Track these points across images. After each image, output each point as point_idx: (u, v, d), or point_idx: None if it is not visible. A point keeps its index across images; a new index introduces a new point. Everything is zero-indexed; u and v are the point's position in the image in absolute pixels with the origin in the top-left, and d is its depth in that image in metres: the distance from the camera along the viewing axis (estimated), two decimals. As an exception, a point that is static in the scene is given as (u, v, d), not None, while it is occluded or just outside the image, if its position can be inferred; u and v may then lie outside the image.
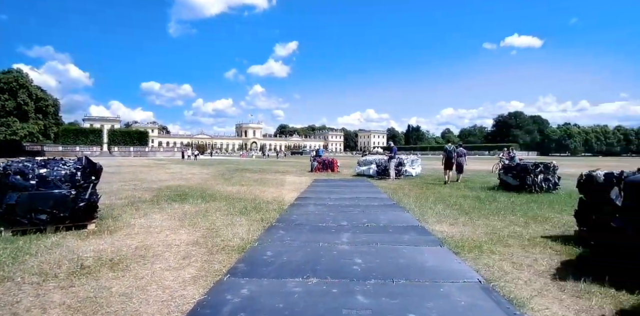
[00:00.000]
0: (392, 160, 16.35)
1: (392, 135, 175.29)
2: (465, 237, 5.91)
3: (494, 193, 11.56)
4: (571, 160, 59.63)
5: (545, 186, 11.67)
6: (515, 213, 8.09)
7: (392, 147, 17.06)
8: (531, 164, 11.79)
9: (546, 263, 4.70)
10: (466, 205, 9.07)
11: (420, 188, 12.84)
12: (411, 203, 9.27)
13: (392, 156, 16.37)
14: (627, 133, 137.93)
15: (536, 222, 7.19)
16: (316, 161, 23.26)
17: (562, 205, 9.22)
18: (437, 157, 22.01)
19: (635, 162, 42.83)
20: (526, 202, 9.79)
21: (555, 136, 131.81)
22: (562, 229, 6.62)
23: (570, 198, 10.24)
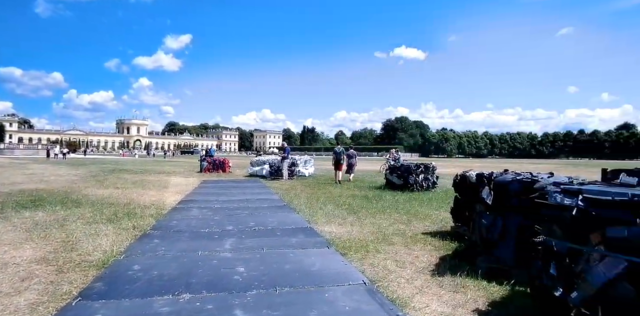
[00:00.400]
0: (285, 161, 16.22)
1: (288, 136, 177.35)
2: (352, 237, 5.89)
3: (380, 192, 12.06)
4: (447, 161, 66.34)
5: (425, 185, 12.54)
6: (399, 211, 8.44)
7: (285, 147, 16.94)
8: (413, 165, 12.58)
9: (426, 259, 4.84)
10: (355, 204, 9.24)
11: (312, 189, 12.88)
12: (302, 204, 9.15)
13: (285, 156, 16.25)
14: (492, 138, 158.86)
15: (417, 219, 7.54)
16: (206, 161, 22.11)
17: (440, 202, 9.92)
18: (330, 158, 22.66)
19: (498, 163, 49.21)
20: (409, 199, 10.35)
21: (434, 140, 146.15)
22: (440, 225, 7.02)
23: (446, 196, 11.10)
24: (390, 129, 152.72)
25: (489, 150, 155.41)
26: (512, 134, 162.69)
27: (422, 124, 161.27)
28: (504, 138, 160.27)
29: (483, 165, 41.60)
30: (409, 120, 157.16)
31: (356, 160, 17.64)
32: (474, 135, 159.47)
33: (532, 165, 44.09)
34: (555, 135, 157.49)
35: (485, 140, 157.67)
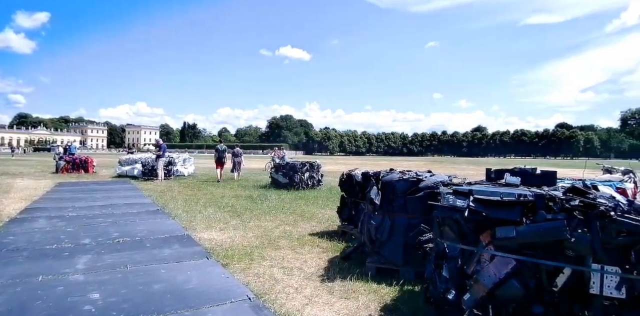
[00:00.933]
0: (161, 159, 14.79)
1: (166, 132, 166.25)
2: (236, 244, 5.37)
3: (265, 191, 11.66)
4: (330, 158, 68.83)
5: (311, 183, 12.51)
6: (285, 211, 8.14)
7: (161, 144, 15.47)
8: (299, 163, 12.46)
9: (315, 263, 4.57)
10: (238, 206, 8.68)
11: (192, 190, 11.90)
12: (179, 207, 8.26)
13: (161, 154, 14.82)
14: (370, 137, 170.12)
15: (304, 219, 7.32)
16: (64, 160, 19.15)
17: (325, 200, 9.90)
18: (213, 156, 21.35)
19: (375, 160, 52.69)
20: (295, 199, 10.14)
21: (318, 138, 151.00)
22: (327, 224, 6.88)
23: (331, 194, 11.19)
24: (276, 127, 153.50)
25: (367, 149, 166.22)
26: (387, 134, 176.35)
27: (307, 123, 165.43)
28: (380, 137, 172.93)
29: (362, 162, 44.07)
30: (294, 119, 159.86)
31: (242, 159, 17.01)
32: (354, 134, 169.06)
33: (405, 162, 48.19)
34: (423, 136, 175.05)
35: (364, 139, 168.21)
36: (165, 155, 15.25)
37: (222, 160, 15.95)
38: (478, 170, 29.60)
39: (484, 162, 58.89)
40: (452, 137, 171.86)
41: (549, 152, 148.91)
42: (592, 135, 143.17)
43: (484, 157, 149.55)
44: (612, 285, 2.40)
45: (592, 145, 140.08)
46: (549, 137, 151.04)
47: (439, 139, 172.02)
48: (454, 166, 38.07)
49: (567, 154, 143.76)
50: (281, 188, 12.12)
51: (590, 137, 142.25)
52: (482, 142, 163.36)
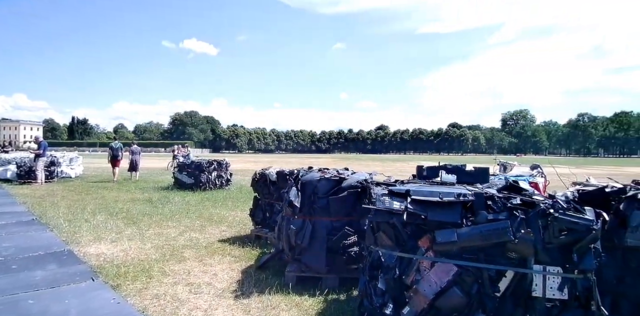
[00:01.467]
0: (40, 159, 12.73)
1: (52, 128, 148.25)
2: (130, 258, 4.55)
3: (168, 193, 10.59)
4: (238, 156, 67.00)
5: (219, 183, 11.70)
6: (190, 215, 7.34)
7: (41, 141, 13.33)
8: (205, 162, 11.56)
9: (227, 276, 3.99)
10: (135, 211, 7.64)
11: (78, 194, 10.35)
12: (60, 215, 6.99)
13: (40, 153, 12.76)
14: (279, 134, 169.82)
15: (212, 224, 6.63)
16: None
17: (235, 201, 9.24)
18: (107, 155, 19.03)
19: (285, 158, 52.42)
20: (201, 200, 9.31)
21: (225, 135, 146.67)
22: (238, 228, 6.29)
23: (241, 194, 10.53)
24: (180, 124, 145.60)
25: (276, 146, 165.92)
26: (296, 132, 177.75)
27: (213, 119, 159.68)
28: (289, 135, 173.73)
29: (272, 160, 43.53)
30: (200, 115, 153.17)
31: (140, 157, 15.49)
32: (263, 131, 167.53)
33: (315, 159, 48.73)
34: (330, 134, 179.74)
35: (273, 136, 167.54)
36: (45, 154, 13.17)
37: (117, 158, 14.38)
38: (383, 166, 30.91)
39: (387, 158, 62.20)
40: (357, 135, 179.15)
41: (443, 148, 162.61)
42: (479, 134, 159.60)
43: (386, 153, 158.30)
44: (554, 286, 2.26)
45: (478, 142, 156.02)
46: (442, 135, 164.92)
47: (345, 137, 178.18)
48: (360, 162, 39.40)
49: (458, 151, 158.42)
50: (186, 190, 11.12)
51: (477, 135, 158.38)
52: (384, 140, 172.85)
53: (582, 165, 36.03)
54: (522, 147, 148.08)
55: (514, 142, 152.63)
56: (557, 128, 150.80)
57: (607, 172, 24.82)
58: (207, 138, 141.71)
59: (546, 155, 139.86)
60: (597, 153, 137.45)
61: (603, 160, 69.55)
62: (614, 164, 45.67)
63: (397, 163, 40.33)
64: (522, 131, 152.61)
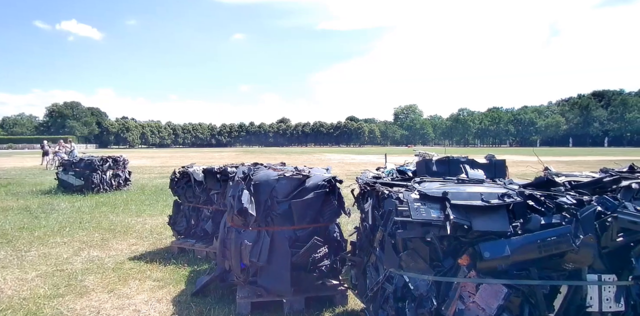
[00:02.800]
0: None
1: None
2: (6, 297, 3.27)
3: (51, 198, 8.71)
4: (132, 151, 61.08)
5: (116, 183, 10.03)
6: (85, 225, 5.93)
7: None
8: (98, 159, 9.78)
9: (154, 311, 3.00)
10: (8, 225, 5.95)
11: None
12: None
13: None
14: (175, 128, 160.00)
15: (117, 236, 5.37)
16: None
17: (139, 204, 7.89)
18: None
19: (185, 152, 49.00)
20: (96, 205, 7.76)
21: (114, 129, 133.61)
22: (152, 240, 5.16)
23: (145, 195, 9.14)
24: (58, 116, 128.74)
25: (172, 140, 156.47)
26: (194, 125, 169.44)
27: (99, 111, 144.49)
28: (187, 128, 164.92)
29: (170, 154, 40.59)
30: (83, 107, 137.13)
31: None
32: (157, 125, 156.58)
33: (217, 153, 46.58)
34: (231, 127, 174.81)
35: (169, 130, 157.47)
36: None
37: None
38: (290, 158, 30.47)
39: (291, 151, 61.97)
40: (259, 127, 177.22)
41: (342, 141, 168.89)
42: (374, 127, 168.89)
43: (288, 146, 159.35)
44: (610, 297, 1.83)
45: (374, 135, 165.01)
46: (341, 128, 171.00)
47: (247, 130, 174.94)
48: (267, 155, 38.50)
49: (356, 143, 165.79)
50: (74, 193, 9.29)
51: (372, 128, 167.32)
52: (286, 133, 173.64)
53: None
54: (412, 139, 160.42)
55: (405, 134, 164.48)
56: (442, 122, 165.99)
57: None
58: (93, 133, 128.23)
59: (432, 146, 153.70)
60: (474, 143, 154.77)
61: (485, 150, 77.92)
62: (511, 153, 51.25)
63: (303, 155, 40.26)
64: (412, 124, 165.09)
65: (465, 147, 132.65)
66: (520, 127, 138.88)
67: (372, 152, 57.52)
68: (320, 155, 39.84)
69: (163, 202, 8.09)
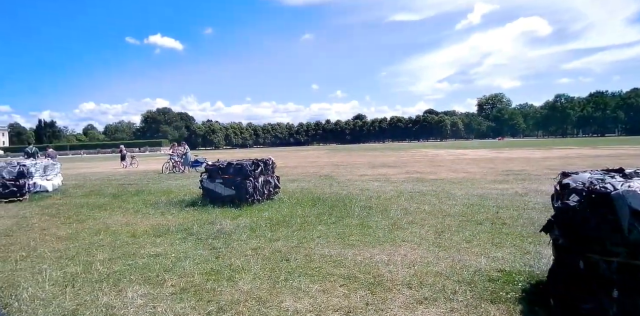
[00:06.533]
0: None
1: (17, 132, 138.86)
2: None
3: (203, 214, 7.04)
4: (223, 153, 62.52)
5: (266, 191, 8.24)
6: (313, 273, 3.93)
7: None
8: (249, 163, 8.01)
9: None
10: (189, 265, 4.08)
11: (66, 222, 6.63)
12: (48, 291, 3.46)
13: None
14: (256, 128, 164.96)
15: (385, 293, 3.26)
16: None
17: (331, 222, 5.86)
18: (82, 158, 14.82)
19: (276, 152, 48.42)
20: (270, 225, 5.87)
21: (201, 132, 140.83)
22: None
23: (303, 205, 7.17)
24: (153, 121, 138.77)
25: (254, 141, 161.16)
26: (273, 125, 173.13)
27: (187, 116, 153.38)
28: (266, 128, 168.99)
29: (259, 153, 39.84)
30: (173, 112, 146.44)
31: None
32: (239, 126, 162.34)
33: (305, 151, 45.37)
34: (308, 125, 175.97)
35: (250, 131, 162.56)
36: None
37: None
38: (386, 156, 27.81)
39: (375, 148, 59.12)
40: (335, 125, 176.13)
41: (421, 135, 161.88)
42: (457, 120, 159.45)
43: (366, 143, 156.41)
44: None
45: (457, 128, 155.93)
46: (420, 122, 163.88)
47: (323, 128, 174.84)
48: (358, 153, 36.17)
49: (437, 137, 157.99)
50: (225, 205, 7.61)
51: (455, 121, 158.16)
52: (363, 129, 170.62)
53: (584, 146, 34.26)
54: (500, 131, 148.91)
55: (492, 126, 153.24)
56: (534, 111, 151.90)
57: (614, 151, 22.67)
58: (182, 136, 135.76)
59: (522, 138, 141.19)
60: (573, 133, 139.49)
61: (588, 140, 69.17)
62: (609, 143, 44.43)
63: (399, 152, 37.35)
64: (499, 115, 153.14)
65: (564, 137, 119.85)
66: (631, 112, 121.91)
67: (470, 146, 52.90)
68: (420, 151, 36.62)
69: (356, 218, 6.02)
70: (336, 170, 16.39)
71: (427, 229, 5.33)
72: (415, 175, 13.24)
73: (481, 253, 4.19)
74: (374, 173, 14.32)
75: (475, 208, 6.74)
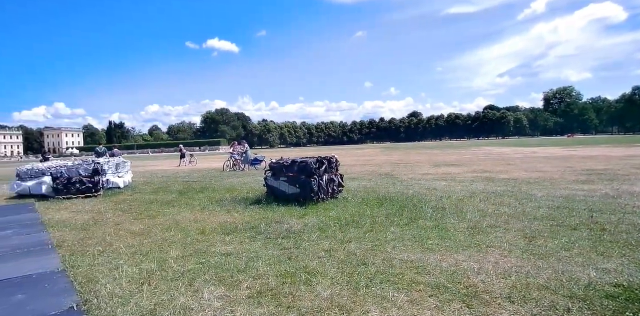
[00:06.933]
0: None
1: (91, 133, 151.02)
2: None
3: (268, 211, 6.94)
4: (278, 151, 63.61)
5: (330, 189, 8.01)
6: (394, 280, 3.63)
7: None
8: (313, 160, 7.82)
9: None
10: (262, 265, 3.93)
11: (138, 217, 6.86)
12: (125, 287, 3.43)
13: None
14: (310, 127, 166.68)
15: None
16: None
17: (404, 224, 5.51)
18: (148, 156, 15.60)
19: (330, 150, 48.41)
20: (340, 225, 5.61)
21: (257, 131, 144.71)
22: None
23: (370, 205, 6.83)
24: (212, 122, 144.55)
25: (307, 139, 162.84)
26: (326, 123, 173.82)
27: (244, 116, 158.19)
28: (320, 127, 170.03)
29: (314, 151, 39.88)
30: (230, 112, 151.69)
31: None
32: (293, 125, 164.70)
33: (360, 150, 44.87)
34: (362, 123, 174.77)
35: (304, 129, 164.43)
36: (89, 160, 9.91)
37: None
38: (446, 154, 26.60)
39: (434, 146, 57.23)
40: (389, 123, 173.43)
41: (482, 133, 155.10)
42: (521, 115, 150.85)
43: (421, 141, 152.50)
44: None
45: (521, 124, 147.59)
46: (480, 118, 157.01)
47: (377, 126, 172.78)
48: (416, 151, 35.06)
49: (498, 134, 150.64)
50: (289, 204, 7.48)
51: (519, 116, 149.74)
52: (418, 127, 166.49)
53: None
54: (569, 127, 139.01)
55: (560, 122, 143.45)
56: (609, 105, 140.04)
57: None
58: (240, 135, 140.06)
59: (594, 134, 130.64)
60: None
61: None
62: None
63: (459, 149, 35.80)
64: (568, 109, 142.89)
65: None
66: None
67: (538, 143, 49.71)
68: (482, 149, 34.88)
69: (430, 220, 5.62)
70: (396, 169, 15.88)
71: (513, 234, 4.81)
72: (483, 174, 12.45)
73: (586, 263, 3.65)
74: (437, 172, 13.67)
75: (564, 211, 6.06)
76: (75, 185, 10.25)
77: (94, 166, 10.78)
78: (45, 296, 3.38)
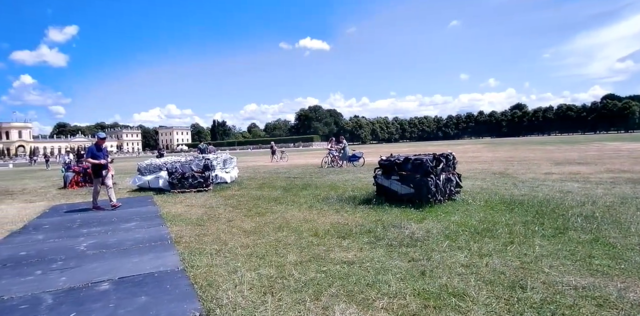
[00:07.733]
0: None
1: (197, 131, 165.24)
2: None
3: (381, 213, 6.38)
4: (369, 147, 62.89)
5: (447, 191, 7.20)
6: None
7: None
8: (428, 158, 7.08)
9: None
10: (390, 277, 3.45)
11: (248, 214, 6.82)
12: (248, 297, 3.14)
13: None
14: (402, 123, 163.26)
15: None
16: (73, 170, 14.62)
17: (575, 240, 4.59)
18: (248, 153, 16.00)
19: (435, 146, 46.34)
20: (471, 234, 4.85)
21: (348, 127, 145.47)
22: None
23: (504, 211, 5.89)
24: (305, 119, 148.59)
25: (400, 135, 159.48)
26: (419, 118, 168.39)
27: (336, 112, 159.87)
28: (412, 122, 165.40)
29: (423, 148, 38.36)
30: (323, 109, 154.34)
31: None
32: (385, 121, 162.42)
33: (460, 146, 42.15)
34: (458, 118, 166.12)
35: (396, 125, 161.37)
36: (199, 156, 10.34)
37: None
38: (589, 150, 23.43)
39: (550, 141, 51.52)
40: (489, 117, 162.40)
41: (600, 126, 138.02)
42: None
43: (526, 136, 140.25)
44: None
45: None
46: (598, 110, 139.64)
47: (475, 120, 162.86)
48: (535, 147, 31.66)
49: (620, 127, 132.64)
50: (403, 205, 6.85)
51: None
52: (522, 121, 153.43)
53: None
54: None
55: None
56: None
57: None
58: (332, 131, 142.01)
59: None
60: None
61: None
62: None
63: (577, 145, 31.65)
64: None
65: None
66: None
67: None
68: (607, 145, 30.50)
69: (583, 232, 4.61)
70: (510, 167, 14.29)
71: None
72: (623, 174, 10.52)
73: None
74: (562, 172, 11.94)
75: None
76: (188, 180, 10.76)
77: (204, 162, 11.23)
78: (167, 300, 3.23)
